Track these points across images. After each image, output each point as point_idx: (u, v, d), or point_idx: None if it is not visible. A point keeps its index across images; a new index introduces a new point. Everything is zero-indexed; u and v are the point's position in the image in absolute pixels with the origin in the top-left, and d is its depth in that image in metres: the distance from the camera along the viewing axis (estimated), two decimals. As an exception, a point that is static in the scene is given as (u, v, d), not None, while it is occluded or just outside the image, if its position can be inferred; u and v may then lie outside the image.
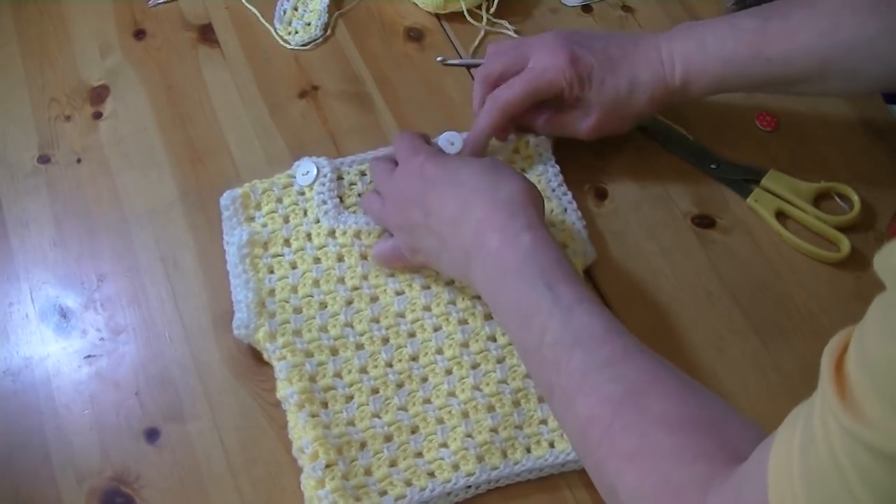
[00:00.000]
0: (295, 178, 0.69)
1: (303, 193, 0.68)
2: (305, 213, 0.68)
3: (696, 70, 0.66)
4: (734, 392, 0.63)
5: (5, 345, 0.64)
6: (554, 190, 0.70)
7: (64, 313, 0.66)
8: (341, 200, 0.69)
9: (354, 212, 0.68)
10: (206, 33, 0.80)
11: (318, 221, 0.67)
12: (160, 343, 0.64)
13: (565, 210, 0.69)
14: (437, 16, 0.82)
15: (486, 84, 0.69)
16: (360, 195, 0.69)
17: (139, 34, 0.80)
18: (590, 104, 0.67)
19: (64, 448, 0.60)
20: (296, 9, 0.81)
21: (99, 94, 0.76)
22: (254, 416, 0.61)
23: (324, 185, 0.68)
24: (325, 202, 0.68)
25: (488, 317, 0.64)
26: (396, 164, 0.66)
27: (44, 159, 0.73)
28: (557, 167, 0.71)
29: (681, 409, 0.48)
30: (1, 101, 0.75)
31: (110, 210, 0.70)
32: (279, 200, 0.68)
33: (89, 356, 0.64)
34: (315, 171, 0.69)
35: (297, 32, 0.80)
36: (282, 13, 0.81)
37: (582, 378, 0.50)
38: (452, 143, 0.70)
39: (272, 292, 0.64)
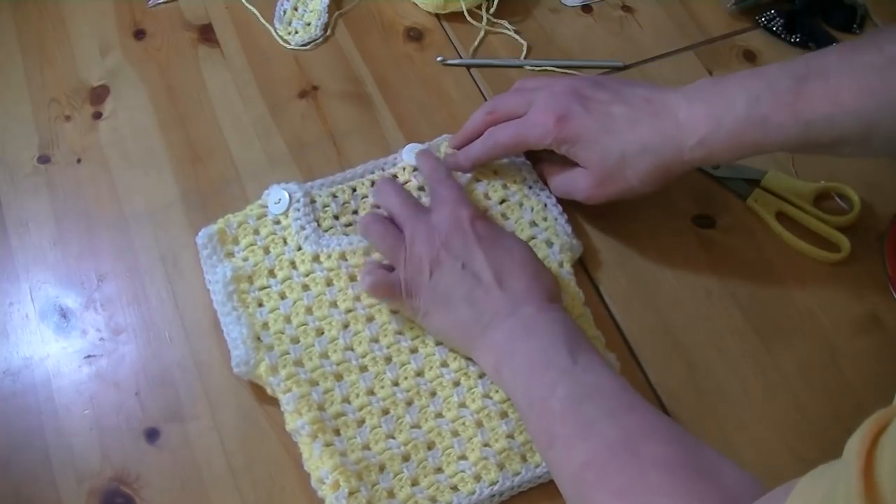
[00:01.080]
0: (267, 207, 0.68)
1: (278, 222, 0.67)
2: (285, 242, 0.67)
3: (723, 135, 0.60)
4: (734, 392, 0.63)
5: (5, 345, 0.64)
6: (531, 187, 0.70)
7: (64, 313, 0.66)
8: (318, 224, 0.68)
9: (335, 234, 0.68)
10: (206, 33, 0.80)
11: (300, 248, 0.66)
12: (160, 343, 0.64)
13: (545, 206, 0.69)
14: (437, 16, 0.82)
15: (489, 115, 0.69)
16: (335, 217, 0.68)
17: (139, 34, 0.80)
18: (587, 165, 0.64)
19: (64, 448, 0.60)
20: (296, 9, 0.81)
21: (99, 94, 0.76)
22: (254, 416, 0.61)
23: (299, 210, 0.67)
24: (303, 228, 0.66)
25: None
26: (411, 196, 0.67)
27: (44, 159, 0.72)
28: (529, 164, 0.71)
29: (677, 453, 0.48)
30: (1, 101, 0.75)
31: (110, 210, 0.70)
32: (256, 232, 0.67)
33: (89, 356, 0.64)
34: (287, 198, 0.68)
35: (297, 32, 0.80)
36: (282, 13, 0.81)
37: (586, 426, 0.51)
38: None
39: (265, 325, 0.63)
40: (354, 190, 0.70)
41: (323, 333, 0.63)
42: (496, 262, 0.60)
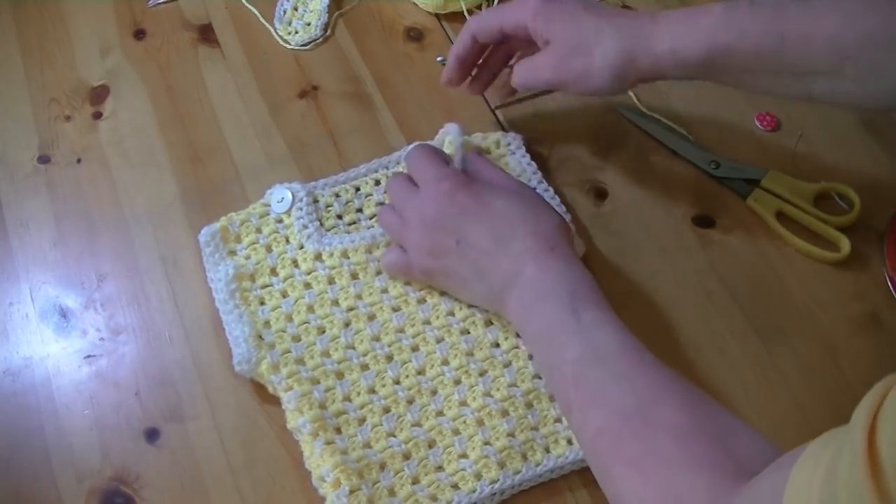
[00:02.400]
0: (270, 206, 0.68)
1: (281, 221, 0.67)
2: (287, 240, 0.67)
3: (698, 33, 0.59)
4: (734, 392, 0.63)
5: (5, 345, 0.64)
6: (535, 186, 0.70)
7: (64, 313, 0.66)
8: (321, 223, 0.68)
9: (337, 233, 0.68)
10: (206, 33, 0.80)
11: (302, 247, 0.66)
12: (160, 343, 0.64)
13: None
14: (437, 16, 0.82)
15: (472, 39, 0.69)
16: (339, 216, 0.68)
17: (139, 34, 0.80)
18: (559, 35, 0.63)
19: (64, 448, 0.60)
20: (296, 9, 0.81)
21: (99, 94, 0.76)
22: (254, 416, 0.61)
23: (301, 209, 0.67)
24: (305, 227, 0.67)
25: (489, 323, 0.64)
26: (411, 179, 0.65)
27: (44, 159, 0.73)
28: (534, 164, 0.71)
29: (688, 419, 0.48)
30: (1, 101, 0.75)
31: (110, 210, 0.70)
32: (258, 230, 0.67)
33: (89, 356, 0.64)
34: (290, 197, 0.68)
35: (297, 32, 0.80)
36: (282, 13, 0.81)
37: (598, 391, 0.51)
38: (451, 143, 0.69)
39: (267, 323, 0.63)
40: (358, 189, 0.70)
41: (324, 332, 0.63)
42: (488, 229, 0.60)
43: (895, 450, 0.30)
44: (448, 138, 0.70)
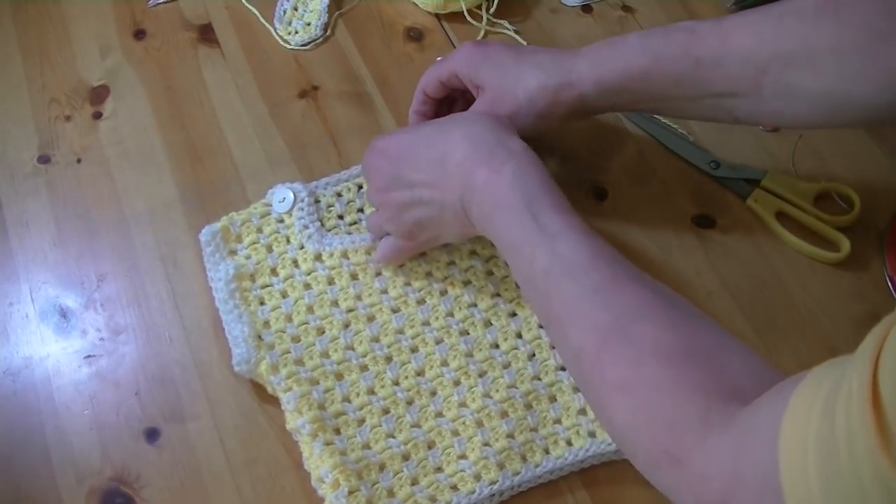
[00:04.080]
0: (272, 205, 0.68)
1: (282, 221, 0.68)
2: (288, 241, 0.67)
3: (616, 62, 0.60)
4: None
5: (5, 345, 0.64)
6: None
7: (64, 313, 0.66)
8: (322, 224, 0.68)
9: (338, 233, 0.68)
10: (206, 33, 0.80)
11: (302, 247, 0.66)
12: (160, 343, 0.64)
13: None
14: (437, 16, 0.82)
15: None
16: (340, 216, 0.69)
17: (139, 34, 0.80)
18: (488, 83, 0.64)
19: (64, 448, 0.60)
20: (296, 9, 0.81)
21: (99, 94, 0.76)
22: (254, 416, 0.61)
23: (302, 209, 0.67)
24: (306, 227, 0.67)
25: (488, 324, 0.64)
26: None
27: (44, 159, 0.73)
28: None
29: (674, 339, 0.46)
30: (1, 101, 0.75)
31: (110, 210, 0.70)
32: (259, 230, 0.67)
33: (89, 356, 0.64)
34: (291, 197, 0.68)
35: (297, 32, 0.80)
36: (282, 13, 0.81)
37: (571, 307, 0.49)
38: None
39: (267, 324, 0.63)
40: (360, 187, 0.70)
41: (324, 332, 0.63)
42: (423, 158, 0.59)
43: (895, 384, 0.30)
44: None
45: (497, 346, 0.63)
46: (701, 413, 0.42)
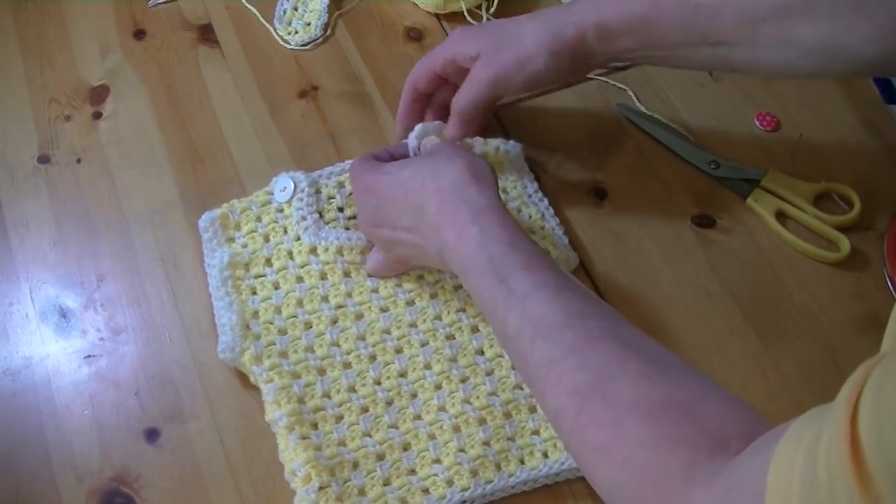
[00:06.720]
0: (273, 194, 0.68)
1: (281, 210, 0.67)
2: (286, 231, 0.67)
3: (616, 5, 0.61)
4: (734, 392, 0.62)
5: (5, 345, 0.64)
6: (531, 196, 0.70)
7: (64, 313, 0.66)
8: (321, 216, 0.67)
9: (335, 227, 0.67)
10: (206, 33, 0.80)
11: (298, 239, 0.66)
12: (160, 343, 0.64)
13: (543, 216, 0.69)
14: (437, 16, 0.82)
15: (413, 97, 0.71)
16: (340, 209, 0.68)
17: (139, 34, 0.80)
18: (486, 42, 0.64)
19: (64, 448, 0.60)
20: (296, 9, 0.81)
21: (99, 94, 0.76)
22: (254, 416, 0.61)
23: (302, 200, 0.67)
24: (304, 218, 0.66)
25: (475, 330, 0.64)
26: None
27: (44, 159, 0.73)
28: (532, 173, 0.71)
29: (652, 394, 0.45)
30: (1, 101, 0.75)
31: (110, 210, 0.70)
32: (258, 219, 0.67)
33: (89, 356, 0.64)
34: (292, 187, 0.68)
35: (296, 32, 0.80)
36: (282, 13, 0.81)
37: (547, 368, 0.49)
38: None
39: (256, 314, 0.63)
40: None
41: (311, 327, 0.63)
42: (404, 204, 0.58)
43: (875, 432, 0.30)
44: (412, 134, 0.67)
45: (482, 353, 0.63)
46: (685, 468, 0.42)
